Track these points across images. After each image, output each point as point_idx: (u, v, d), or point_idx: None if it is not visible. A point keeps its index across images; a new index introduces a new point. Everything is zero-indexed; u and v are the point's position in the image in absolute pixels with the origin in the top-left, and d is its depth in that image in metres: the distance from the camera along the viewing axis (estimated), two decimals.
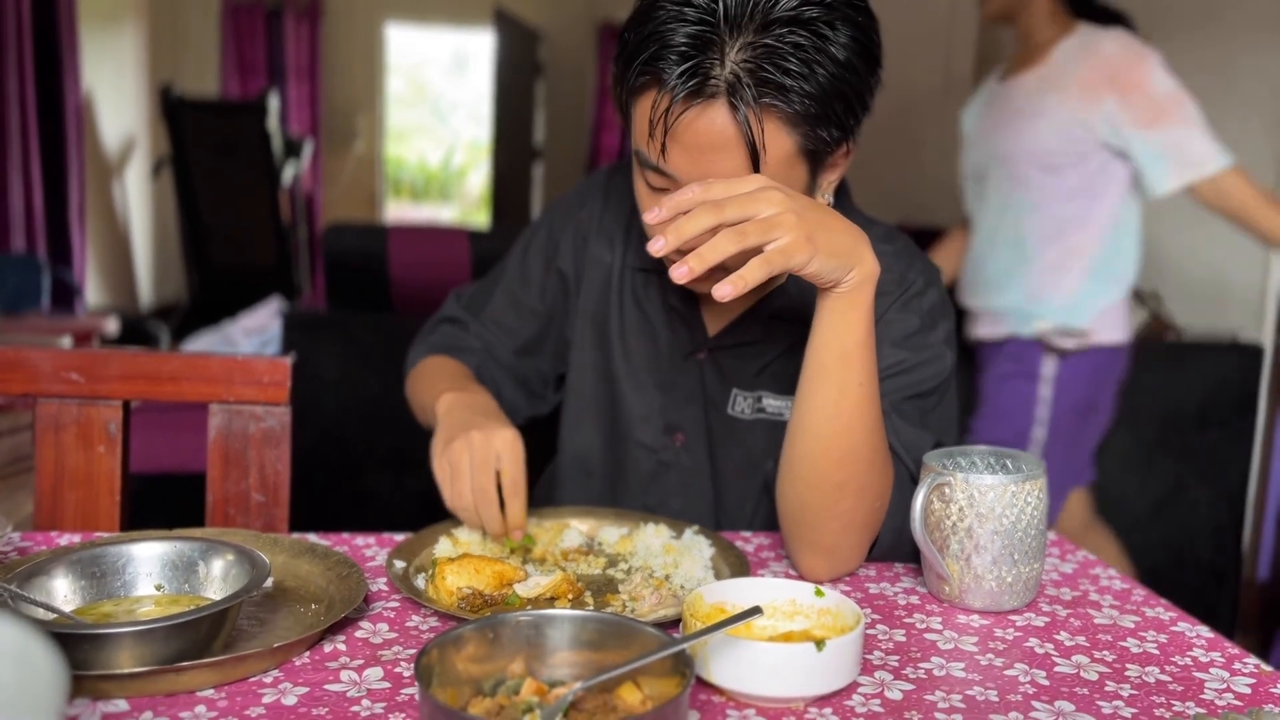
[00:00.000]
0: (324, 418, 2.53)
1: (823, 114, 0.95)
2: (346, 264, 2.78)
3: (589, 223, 1.29)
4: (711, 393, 1.21)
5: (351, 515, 2.50)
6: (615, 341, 1.25)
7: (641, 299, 1.24)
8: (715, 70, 0.93)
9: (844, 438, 0.97)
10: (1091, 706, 0.78)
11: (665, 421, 1.23)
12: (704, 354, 1.20)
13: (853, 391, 0.96)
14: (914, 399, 1.09)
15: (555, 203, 1.35)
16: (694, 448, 1.23)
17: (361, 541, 1.07)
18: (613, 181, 1.30)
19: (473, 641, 0.72)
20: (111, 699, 0.72)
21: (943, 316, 1.14)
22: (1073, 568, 1.08)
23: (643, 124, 1.00)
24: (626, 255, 1.26)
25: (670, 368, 1.23)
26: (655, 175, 1.02)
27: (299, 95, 7.79)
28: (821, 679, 0.75)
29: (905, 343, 1.09)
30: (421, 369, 1.30)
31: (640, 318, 1.24)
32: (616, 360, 1.25)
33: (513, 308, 1.31)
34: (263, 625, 0.85)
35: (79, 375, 1.17)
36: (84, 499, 1.17)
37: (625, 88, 1.01)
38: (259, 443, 1.20)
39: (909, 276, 1.13)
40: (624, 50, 1.00)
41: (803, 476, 0.99)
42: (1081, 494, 2.40)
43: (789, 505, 1.02)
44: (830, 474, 0.98)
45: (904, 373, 1.08)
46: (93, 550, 0.86)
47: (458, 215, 11.35)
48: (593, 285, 1.27)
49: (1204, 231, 3.57)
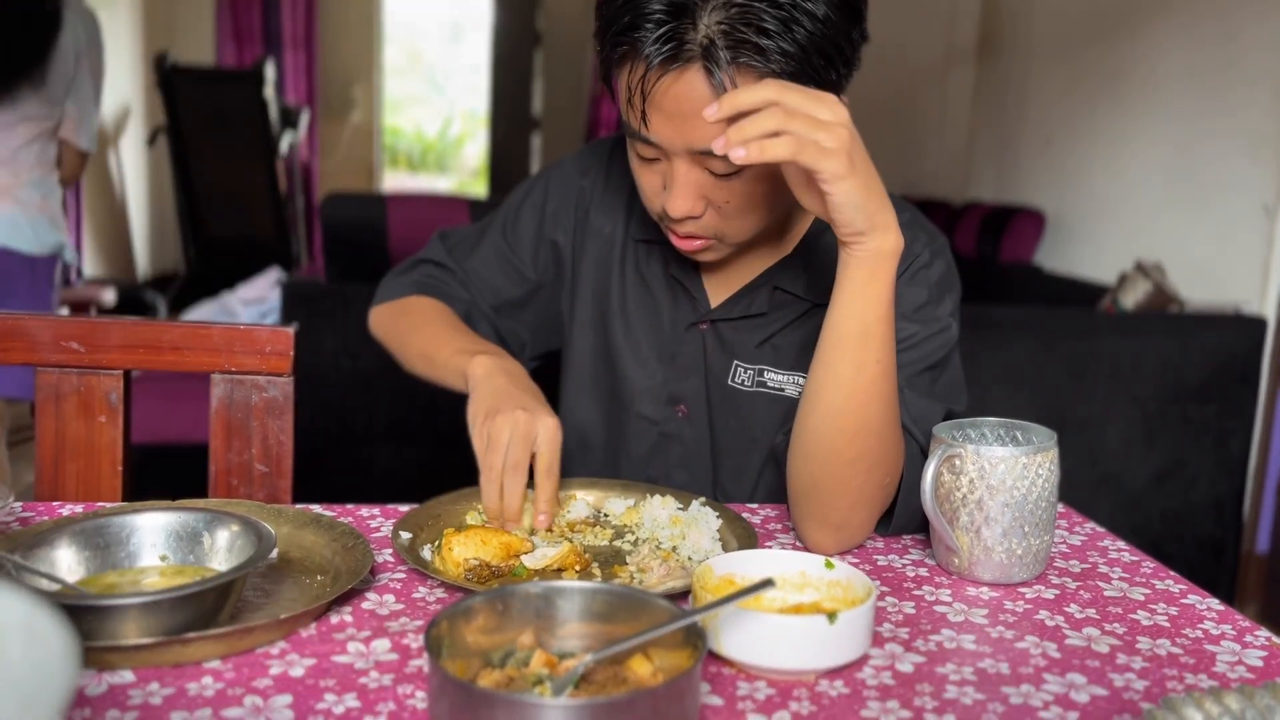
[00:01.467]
0: (323, 389, 2.52)
1: (801, 71, 0.94)
2: (345, 234, 2.76)
3: (591, 193, 1.27)
4: (713, 364, 1.20)
5: (351, 486, 2.50)
6: (616, 315, 1.24)
7: (644, 270, 1.23)
8: (690, 34, 0.93)
9: (858, 414, 0.96)
10: (1103, 679, 0.78)
11: (668, 393, 1.22)
12: (706, 325, 1.20)
13: (870, 368, 0.95)
14: (925, 371, 1.08)
15: (555, 166, 1.32)
16: (696, 419, 1.22)
17: (366, 513, 1.06)
18: (615, 152, 1.28)
19: (483, 613, 0.72)
20: (117, 670, 0.72)
21: (950, 288, 1.13)
22: (1081, 540, 1.08)
23: (624, 95, 1.00)
24: (629, 227, 1.24)
25: (672, 339, 1.22)
26: (643, 145, 1.02)
27: (295, 64, 7.72)
28: (833, 651, 0.75)
29: (915, 315, 1.09)
30: (408, 308, 1.27)
31: (642, 289, 1.24)
32: (617, 334, 1.24)
33: (499, 264, 1.29)
34: (268, 597, 0.85)
35: (79, 344, 1.16)
36: (85, 469, 1.16)
37: (605, 61, 1.01)
38: (262, 413, 1.19)
39: (915, 249, 1.12)
40: (601, 24, 1.00)
41: (814, 452, 0.99)
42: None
43: (799, 480, 1.01)
44: (843, 450, 0.97)
45: (914, 346, 1.08)
46: (97, 521, 0.85)
47: (455, 185, 11.28)
48: (593, 259, 1.26)
49: (1208, 203, 3.56)
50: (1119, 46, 4.05)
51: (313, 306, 2.52)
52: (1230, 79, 3.47)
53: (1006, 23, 5.05)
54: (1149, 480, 2.57)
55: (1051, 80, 4.58)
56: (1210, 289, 3.42)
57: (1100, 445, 2.53)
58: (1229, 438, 2.57)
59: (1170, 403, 2.54)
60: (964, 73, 5.34)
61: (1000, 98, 5.07)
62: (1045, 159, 4.63)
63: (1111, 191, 4.12)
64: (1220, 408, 2.55)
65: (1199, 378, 2.54)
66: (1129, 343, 2.53)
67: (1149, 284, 3.27)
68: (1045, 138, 4.62)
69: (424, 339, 1.21)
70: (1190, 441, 2.57)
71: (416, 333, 1.22)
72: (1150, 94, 3.88)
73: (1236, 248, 3.40)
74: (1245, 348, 2.56)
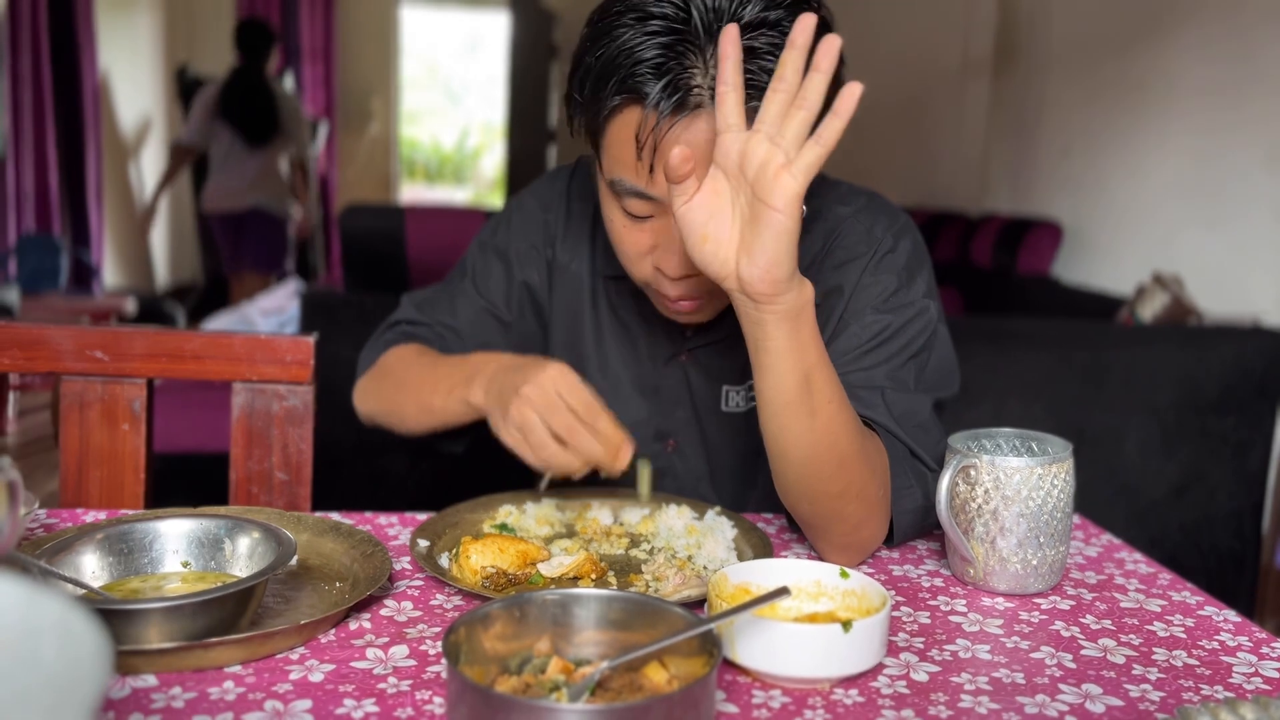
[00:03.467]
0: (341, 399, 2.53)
1: None
2: (364, 245, 2.78)
3: (555, 228, 1.22)
4: (699, 394, 1.18)
5: (368, 496, 2.51)
6: (591, 355, 1.21)
7: (616, 306, 1.20)
8: (696, 79, 0.90)
9: (829, 454, 0.93)
10: (1119, 690, 0.78)
11: (654, 429, 1.20)
12: (685, 355, 1.18)
13: (823, 409, 0.92)
14: (909, 361, 1.06)
15: (513, 205, 1.26)
16: (687, 452, 1.20)
17: (384, 520, 1.07)
18: (572, 185, 1.24)
19: (500, 619, 0.72)
20: (140, 674, 0.73)
21: (918, 268, 1.10)
22: (1097, 551, 1.08)
23: (620, 150, 0.95)
24: (595, 263, 1.20)
25: (653, 373, 1.19)
26: (637, 201, 0.98)
27: (314, 76, 7.79)
28: (848, 660, 0.75)
29: (885, 305, 1.06)
30: (384, 371, 1.20)
31: (616, 326, 1.20)
32: (593, 374, 1.20)
33: (475, 316, 1.23)
34: (288, 603, 0.86)
35: (103, 353, 1.18)
36: (108, 476, 1.18)
37: (594, 114, 0.96)
38: (282, 421, 1.20)
39: (875, 234, 1.10)
40: (587, 75, 0.96)
41: (801, 496, 0.97)
42: None
43: (797, 516, 1.00)
44: (827, 487, 0.95)
45: (892, 337, 1.05)
46: (120, 527, 0.86)
47: (472, 197, 11.33)
48: (562, 297, 1.22)
49: (1226, 215, 3.54)
50: (1137, 58, 4.04)
51: (331, 317, 2.53)
52: (1248, 91, 3.46)
53: (1023, 34, 5.05)
54: (1166, 493, 2.55)
55: (1069, 91, 4.57)
56: (1229, 301, 3.40)
57: (1117, 457, 2.52)
58: (1247, 450, 2.55)
59: (1188, 415, 2.53)
60: (981, 84, 5.34)
61: (1017, 109, 5.07)
62: (1062, 170, 4.62)
63: (1129, 203, 4.11)
64: (1239, 420, 2.54)
65: (1217, 390, 2.53)
66: (1146, 355, 2.52)
67: (1167, 296, 3.26)
68: (1062, 149, 4.61)
69: (415, 391, 1.13)
70: (1208, 454, 2.55)
71: (403, 391, 1.15)
72: (1168, 106, 3.87)
73: (1255, 259, 3.38)
74: (1264, 360, 2.55)
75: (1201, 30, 3.70)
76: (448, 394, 1.07)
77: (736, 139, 0.83)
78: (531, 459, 0.95)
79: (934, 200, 5.44)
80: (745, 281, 0.85)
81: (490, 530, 1.03)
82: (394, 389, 1.17)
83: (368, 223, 2.87)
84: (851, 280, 1.08)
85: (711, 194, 0.86)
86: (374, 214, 2.96)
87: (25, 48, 5.25)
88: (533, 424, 0.93)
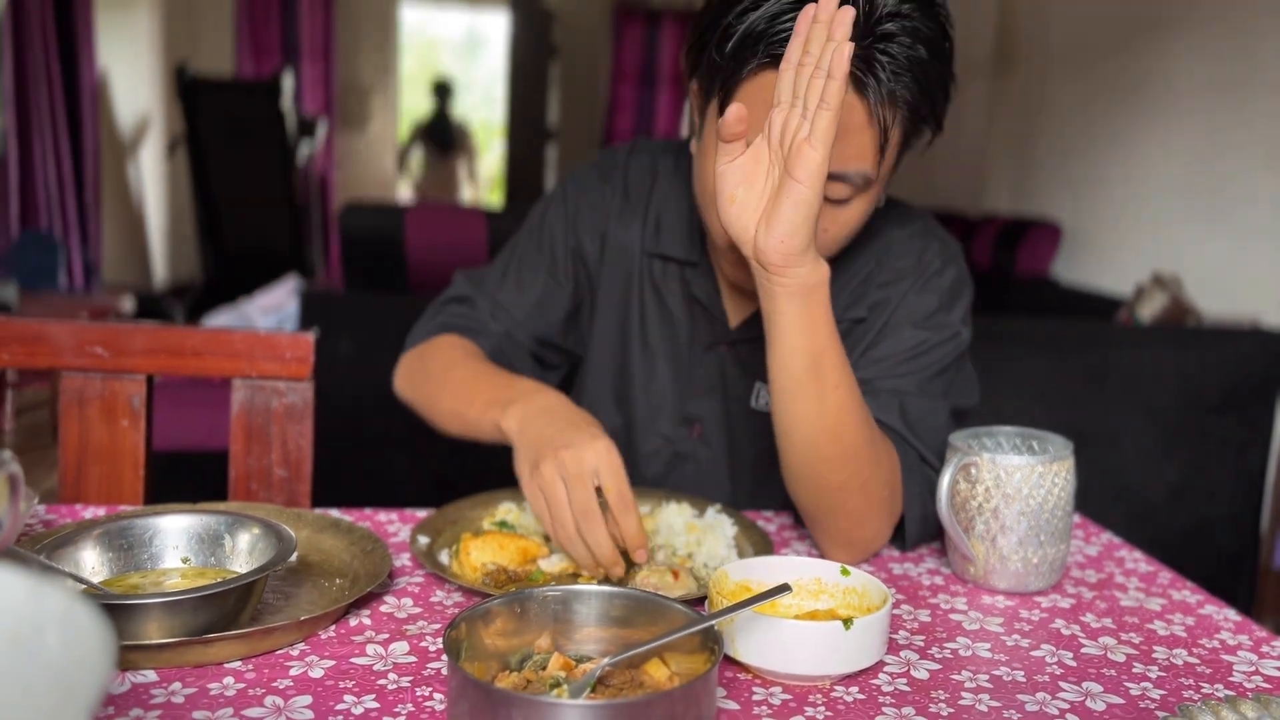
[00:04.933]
0: (340, 397, 2.52)
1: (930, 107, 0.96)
2: (363, 243, 2.78)
3: (611, 200, 1.25)
4: (732, 385, 1.19)
5: (367, 494, 2.50)
6: (635, 331, 1.23)
7: (661, 288, 1.22)
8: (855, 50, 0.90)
9: (833, 441, 0.95)
10: (1120, 688, 0.78)
11: (683, 413, 1.22)
12: (725, 346, 1.19)
13: (830, 395, 0.93)
14: (936, 376, 1.09)
15: (572, 175, 1.29)
16: (711, 440, 1.21)
17: (384, 517, 1.07)
18: (630, 163, 1.26)
19: (501, 616, 0.72)
20: (140, 669, 0.73)
21: (960, 295, 1.13)
22: (1098, 550, 1.08)
23: (756, 108, 0.92)
24: (644, 241, 1.23)
25: (690, 359, 1.21)
26: None
27: (313, 75, 7.78)
28: (849, 657, 0.75)
29: (926, 323, 1.09)
30: (429, 360, 1.20)
31: (660, 307, 1.22)
32: (634, 350, 1.23)
33: (530, 281, 1.24)
34: (288, 599, 0.86)
35: (103, 349, 1.17)
36: (108, 473, 1.17)
37: (731, 73, 0.96)
38: (282, 418, 1.20)
39: (925, 258, 1.12)
40: (727, 36, 0.95)
41: (804, 484, 0.99)
42: None
43: (800, 507, 1.02)
44: (829, 477, 0.96)
45: (925, 352, 1.08)
46: (120, 523, 0.86)
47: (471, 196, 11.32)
48: (614, 269, 1.24)
49: (1225, 215, 3.55)
50: (1136, 59, 4.04)
51: (331, 315, 2.53)
52: (1248, 91, 3.46)
53: (1023, 35, 5.05)
54: (1166, 493, 2.55)
55: (1068, 92, 4.58)
56: (1228, 301, 3.40)
57: (1116, 458, 2.52)
58: (1247, 451, 2.56)
59: (1187, 416, 2.53)
60: (980, 85, 5.34)
61: (1017, 110, 5.07)
62: (1062, 171, 4.62)
63: (1128, 204, 4.11)
64: (1238, 420, 2.54)
65: (1216, 391, 2.53)
66: (1146, 355, 2.52)
67: (1166, 296, 3.26)
68: (1062, 149, 4.61)
69: (452, 396, 1.13)
70: (1207, 455, 2.55)
71: (441, 392, 1.15)
72: (1167, 106, 3.87)
73: (1254, 260, 3.38)
74: (1263, 361, 2.55)
75: (1201, 30, 3.70)
76: (481, 412, 1.06)
77: (780, 113, 0.87)
78: (547, 527, 0.93)
79: (933, 201, 5.44)
80: (760, 249, 0.89)
81: (490, 527, 1.03)
82: (435, 388, 1.17)
83: (367, 221, 2.86)
84: (897, 296, 1.11)
85: (752, 160, 0.89)
86: (373, 212, 2.96)
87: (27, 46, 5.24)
88: (559, 496, 0.91)
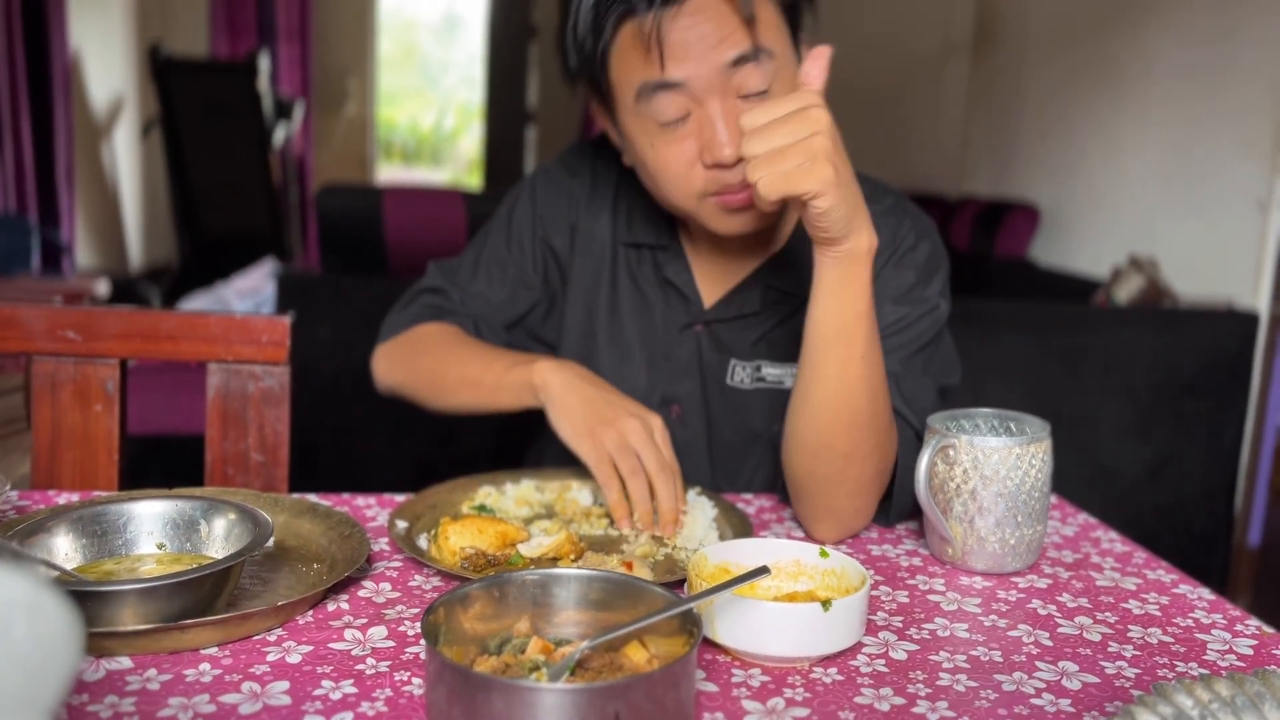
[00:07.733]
0: (318, 380, 2.52)
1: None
2: (341, 226, 2.75)
3: (579, 194, 1.26)
4: (709, 365, 1.20)
5: (346, 478, 2.50)
6: (603, 318, 1.23)
7: (635, 273, 1.23)
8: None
9: (847, 409, 0.97)
10: (1095, 667, 0.78)
11: (660, 394, 1.22)
12: (700, 326, 1.20)
13: (854, 364, 0.96)
14: (918, 352, 1.10)
15: (540, 171, 1.30)
16: (690, 420, 1.22)
17: (362, 502, 1.06)
18: (598, 155, 1.27)
19: (479, 600, 0.72)
20: (115, 656, 0.72)
21: (937, 268, 1.14)
22: (1074, 530, 1.08)
23: (631, 59, 1.01)
24: (617, 231, 1.24)
25: (665, 340, 1.22)
26: (666, 99, 1.01)
27: (290, 56, 7.69)
28: (827, 639, 0.75)
29: (904, 299, 1.10)
30: (418, 342, 1.22)
31: (634, 293, 1.23)
32: (600, 337, 1.23)
33: (499, 276, 1.26)
34: (265, 585, 0.85)
35: (75, 333, 1.16)
36: (82, 458, 1.16)
37: (594, 45, 1.02)
38: (258, 402, 1.19)
39: (900, 234, 1.13)
40: (577, 14, 1.02)
41: (808, 447, 0.99)
42: None
43: (795, 474, 1.02)
44: (835, 444, 0.98)
45: (905, 329, 1.09)
46: (94, 509, 0.85)
47: (450, 178, 11.26)
48: (583, 262, 1.25)
49: (1202, 198, 3.57)
50: (1114, 42, 4.05)
51: (308, 298, 2.51)
52: (1225, 76, 3.48)
53: (1002, 17, 5.05)
54: (1141, 474, 2.58)
55: (1047, 75, 4.59)
56: (1203, 283, 3.43)
57: (1093, 439, 2.54)
58: (1221, 431, 2.58)
59: (1163, 397, 2.55)
60: (959, 67, 5.34)
61: (996, 92, 5.08)
62: (1040, 154, 4.64)
63: (1106, 186, 4.13)
64: (1213, 402, 2.56)
65: (1192, 372, 2.55)
66: (1122, 337, 2.54)
67: (1142, 278, 3.28)
68: (1041, 132, 4.62)
69: (462, 364, 1.16)
70: (1183, 435, 2.57)
71: (445, 365, 1.17)
72: (1145, 90, 3.88)
73: (1229, 243, 3.41)
74: (1237, 342, 2.57)
75: (1179, 15, 3.72)
76: (505, 370, 1.10)
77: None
78: (605, 476, 1.00)
79: (912, 183, 5.45)
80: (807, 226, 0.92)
81: (469, 511, 1.03)
82: (438, 361, 1.19)
83: (345, 203, 2.84)
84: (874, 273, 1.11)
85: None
86: (351, 194, 2.93)
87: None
88: (631, 451, 1.00)
